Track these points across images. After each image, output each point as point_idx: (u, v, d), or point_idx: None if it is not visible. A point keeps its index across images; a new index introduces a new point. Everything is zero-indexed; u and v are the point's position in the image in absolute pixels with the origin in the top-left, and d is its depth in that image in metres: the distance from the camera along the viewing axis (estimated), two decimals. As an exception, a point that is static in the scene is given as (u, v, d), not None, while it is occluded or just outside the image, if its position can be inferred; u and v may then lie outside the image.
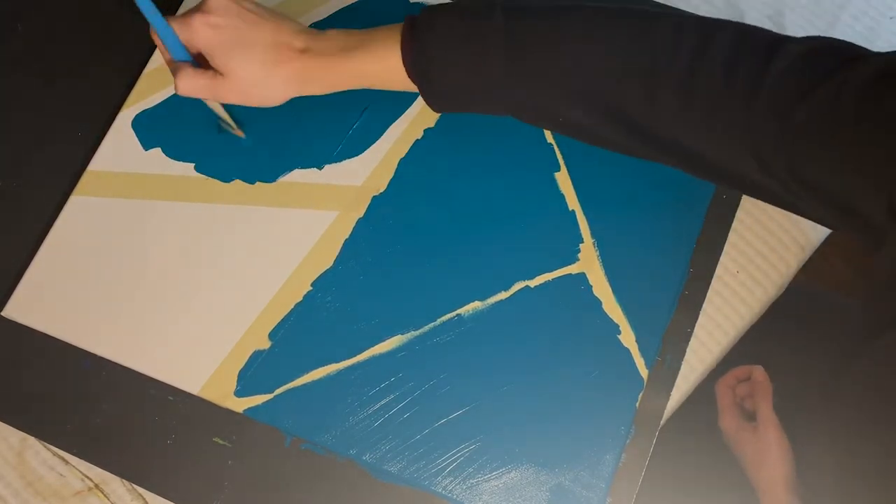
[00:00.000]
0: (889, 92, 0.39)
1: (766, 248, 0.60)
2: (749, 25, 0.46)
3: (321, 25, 0.64)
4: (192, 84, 0.50)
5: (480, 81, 0.48)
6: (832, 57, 0.42)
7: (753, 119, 0.43)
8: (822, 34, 0.64)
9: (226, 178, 0.61)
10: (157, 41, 0.51)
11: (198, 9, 0.50)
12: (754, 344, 0.60)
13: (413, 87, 0.50)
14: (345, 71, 0.50)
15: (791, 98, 0.42)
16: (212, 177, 0.61)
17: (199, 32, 0.49)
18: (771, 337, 0.62)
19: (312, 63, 0.50)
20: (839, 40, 0.44)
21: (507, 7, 0.47)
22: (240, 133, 0.61)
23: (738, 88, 0.43)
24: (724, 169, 0.46)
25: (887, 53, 0.42)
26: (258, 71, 0.50)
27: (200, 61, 0.52)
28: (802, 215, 0.47)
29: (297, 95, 0.52)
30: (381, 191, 0.60)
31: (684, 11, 0.48)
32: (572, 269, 0.58)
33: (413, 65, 0.48)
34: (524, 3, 0.48)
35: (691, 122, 0.45)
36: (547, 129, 0.50)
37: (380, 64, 0.49)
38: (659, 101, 0.45)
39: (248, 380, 0.57)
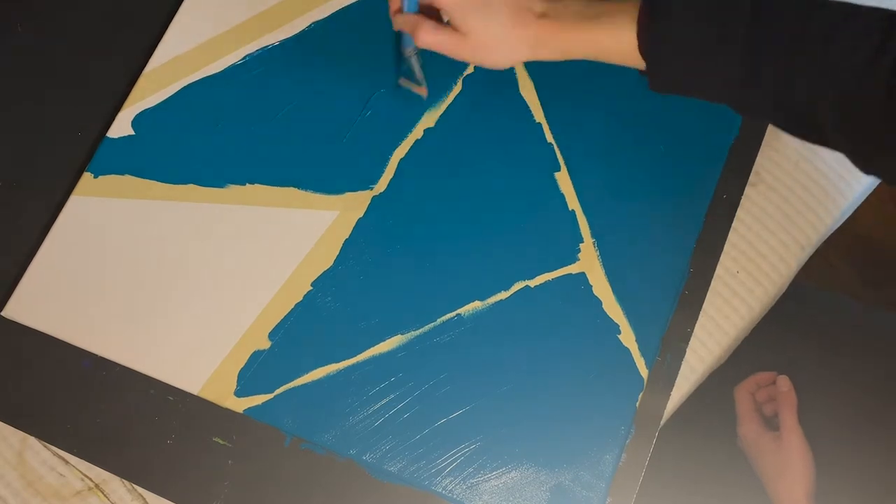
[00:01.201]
0: None
1: (766, 248, 0.60)
2: None
3: (321, 25, 0.64)
4: (434, 38, 0.51)
5: (712, 69, 0.46)
6: None
7: None
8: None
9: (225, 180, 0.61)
10: None
11: None
12: (754, 345, 0.60)
13: (642, 65, 0.49)
14: (578, 39, 0.50)
15: None
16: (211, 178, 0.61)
17: None
18: (771, 338, 0.62)
19: (548, 28, 0.50)
20: None
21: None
22: (423, 91, 0.59)
23: None
24: None
25: None
26: (497, 32, 0.50)
27: (427, 15, 0.53)
28: None
29: (527, 60, 0.52)
30: (381, 191, 0.60)
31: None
32: (572, 269, 0.58)
33: (646, 46, 0.48)
34: None
35: None
36: (766, 122, 0.47)
37: (612, 38, 0.49)
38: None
39: (248, 380, 0.57)
